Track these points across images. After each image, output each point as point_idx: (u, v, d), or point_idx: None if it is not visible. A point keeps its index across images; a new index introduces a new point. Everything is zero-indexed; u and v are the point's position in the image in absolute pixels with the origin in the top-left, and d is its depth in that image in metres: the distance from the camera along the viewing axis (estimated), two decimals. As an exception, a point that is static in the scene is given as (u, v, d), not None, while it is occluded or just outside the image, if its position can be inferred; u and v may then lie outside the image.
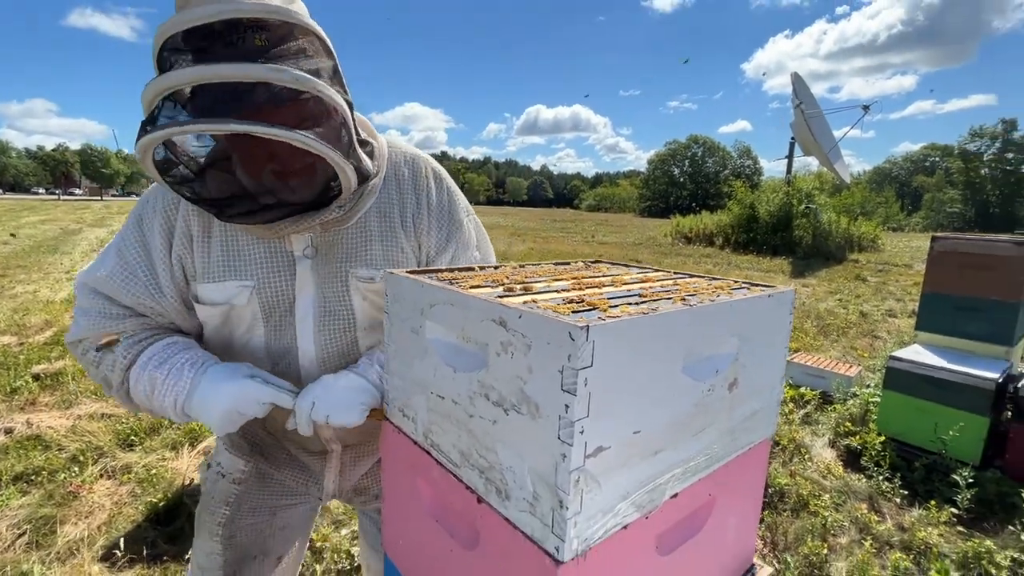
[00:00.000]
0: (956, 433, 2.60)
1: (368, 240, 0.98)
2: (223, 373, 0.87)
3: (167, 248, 0.92)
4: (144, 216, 0.93)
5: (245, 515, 1.11)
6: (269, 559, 1.16)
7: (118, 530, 2.05)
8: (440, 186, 1.07)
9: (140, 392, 0.88)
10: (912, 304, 7.28)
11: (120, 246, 0.94)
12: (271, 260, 0.94)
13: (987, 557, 2.00)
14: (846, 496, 2.47)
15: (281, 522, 1.15)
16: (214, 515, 1.10)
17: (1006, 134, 54.99)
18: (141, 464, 2.50)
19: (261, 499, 1.12)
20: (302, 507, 1.18)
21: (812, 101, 14.78)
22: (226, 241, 0.92)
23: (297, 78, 0.72)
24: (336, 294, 0.97)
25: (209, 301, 0.94)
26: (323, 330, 0.98)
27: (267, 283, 0.94)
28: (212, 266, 0.92)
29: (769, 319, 0.76)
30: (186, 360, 0.88)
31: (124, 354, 0.89)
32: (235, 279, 0.93)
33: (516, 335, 0.55)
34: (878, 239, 16.09)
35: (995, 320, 2.91)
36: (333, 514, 2.21)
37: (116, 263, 0.92)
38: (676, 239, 17.50)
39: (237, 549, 1.10)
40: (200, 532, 1.12)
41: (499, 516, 0.60)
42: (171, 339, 0.93)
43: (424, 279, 0.73)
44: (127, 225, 0.95)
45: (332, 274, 0.96)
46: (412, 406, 0.76)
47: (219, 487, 1.11)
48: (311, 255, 0.95)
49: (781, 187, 15.91)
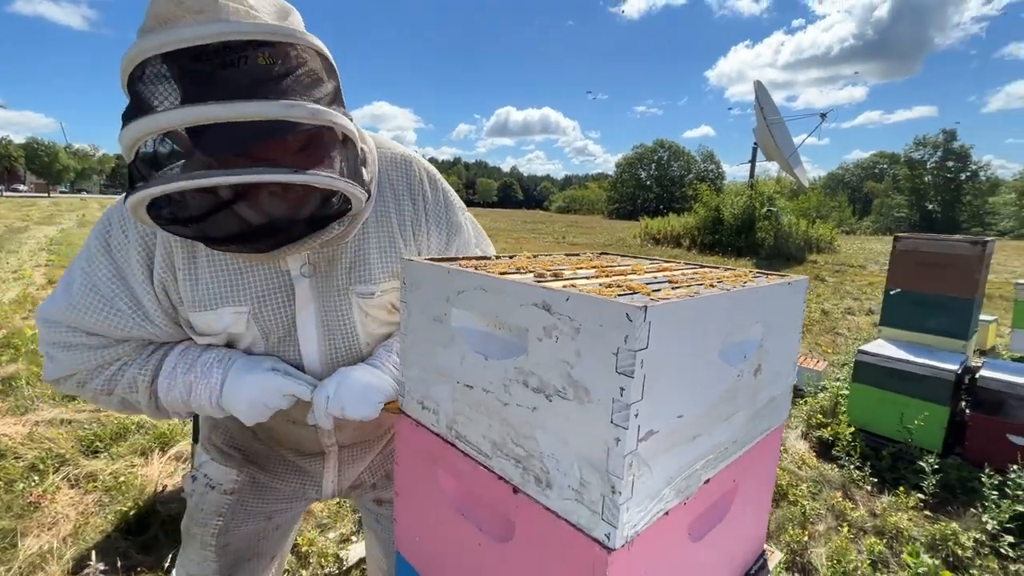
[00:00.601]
0: (920, 422, 2.73)
1: (367, 254, 0.94)
2: (247, 366, 0.87)
3: (148, 276, 0.84)
4: (113, 242, 0.84)
5: (240, 524, 1.07)
6: (264, 559, 1.13)
7: (86, 541, 1.93)
8: (435, 188, 1.03)
9: (175, 398, 0.87)
10: (868, 303, 7.64)
11: (90, 277, 0.84)
12: (267, 282, 0.88)
13: (953, 539, 2.10)
14: (821, 485, 2.56)
15: (276, 524, 1.12)
16: (206, 527, 1.05)
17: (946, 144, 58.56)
18: (108, 471, 2.36)
19: (256, 507, 1.08)
20: (298, 507, 1.16)
21: (773, 108, 15.34)
22: (214, 265, 0.86)
23: (315, 113, 0.67)
24: (338, 311, 0.94)
25: (207, 331, 0.89)
26: (328, 348, 0.95)
27: (264, 307, 0.89)
28: (202, 294, 0.85)
29: (787, 306, 0.78)
30: (213, 358, 0.87)
31: (142, 373, 0.87)
32: (229, 305, 0.87)
33: (562, 319, 0.54)
34: (834, 241, 16.82)
35: (952, 315, 3.07)
36: (318, 517, 2.14)
37: (90, 297, 0.83)
38: (645, 240, 17.84)
39: (231, 555, 1.07)
40: (190, 543, 1.07)
41: (539, 506, 0.59)
42: (181, 346, 0.90)
43: (449, 265, 0.71)
44: (91, 253, 0.85)
45: (332, 291, 0.93)
46: (433, 397, 0.74)
47: (209, 499, 1.06)
48: (309, 273, 0.90)
49: (744, 190, 16.44)
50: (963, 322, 3.05)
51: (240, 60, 0.64)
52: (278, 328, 0.91)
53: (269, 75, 0.65)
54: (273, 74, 0.65)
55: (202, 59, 0.63)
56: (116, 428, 2.79)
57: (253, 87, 0.64)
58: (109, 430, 2.76)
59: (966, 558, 2.04)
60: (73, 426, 2.82)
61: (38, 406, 3.04)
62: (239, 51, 0.63)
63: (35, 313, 0.89)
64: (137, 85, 0.64)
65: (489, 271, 0.68)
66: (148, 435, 2.73)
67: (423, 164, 1.03)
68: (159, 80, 0.64)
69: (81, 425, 2.81)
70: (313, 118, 0.67)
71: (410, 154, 1.02)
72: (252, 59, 0.64)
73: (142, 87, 0.64)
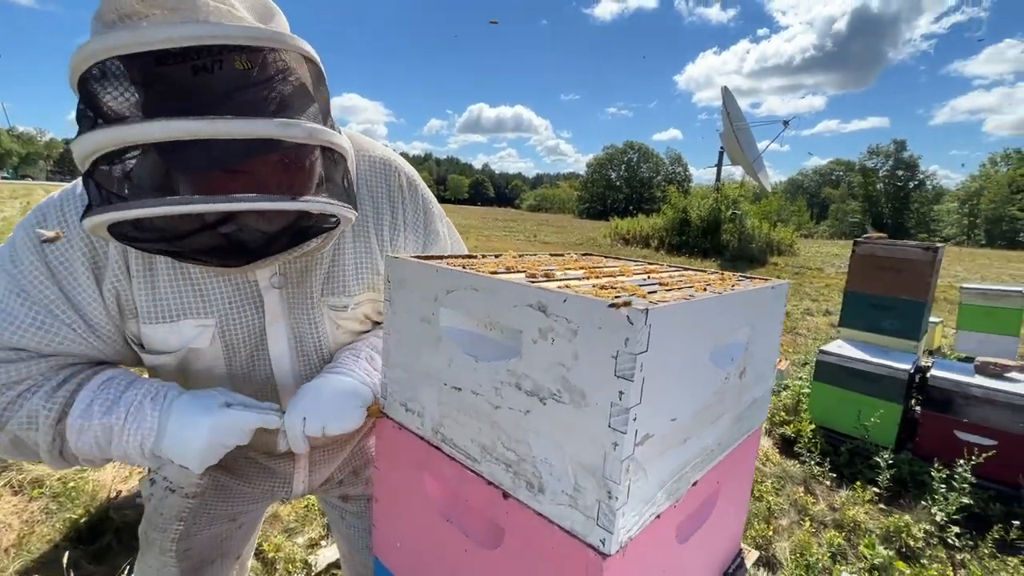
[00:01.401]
0: (876, 420, 2.86)
1: (343, 265, 0.90)
2: (194, 406, 0.74)
3: (94, 280, 0.75)
4: (48, 245, 0.73)
5: (202, 527, 1.02)
6: (228, 559, 1.09)
7: (31, 552, 1.80)
8: (415, 195, 0.99)
9: (86, 445, 0.72)
10: (826, 304, 7.96)
11: (18, 280, 0.72)
12: (235, 293, 0.82)
13: (905, 531, 2.21)
14: (784, 481, 2.65)
15: (240, 523, 1.09)
16: (165, 532, 0.99)
17: (897, 153, 61.78)
18: (55, 477, 2.22)
19: (221, 509, 1.03)
20: (264, 506, 1.13)
21: (739, 114, 15.79)
22: (176, 274, 0.78)
23: (312, 133, 0.62)
24: (309, 323, 0.89)
25: (161, 347, 0.80)
26: (301, 363, 0.90)
27: (232, 319, 0.82)
28: (160, 304, 0.77)
29: (770, 309, 0.79)
30: (143, 396, 0.74)
31: (46, 406, 0.71)
32: (192, 317, 0.79)
33: (559, 320, 0.52)
34: (794, 244, 17.48)
35: (906, 317, 3.23)
36: (285, 522, 2.07)
37: (16, 303, 0.71)
38: (615, 240, 18.09)
39: (193, 559, 1.02)
40: (148, 549, 1.01)
41: (530, 511, 0.58)
42: (103, 376, 0.76)
43: (437, 264, 0.69)
44: (18, 251, 0.73)
45: (303, 303, 0.88)
46: (418, 399, 0.72)
47: (169, 503, 1.00)
48: (279, 284, 0.85)
49: (711, 193, 16.88)
50: (915, 324, 3.21)
51: (216, 66, 0.56)
52: (246, 344, 0.85)
53: (253, 85, 0.58)
54: (258, 84, 0.59)
55: (175, 62, 0.55)
56: (65, 430, 2.63)
57: (235, 99, 0.57)
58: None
59: (917, 548, 2.15)
60: (16, 428, 2.64)
61: (-24, 407, 2.83)
62: (217, 55, 0.56)
63: None
64: (93, 85, 0.56)
65: (478, 270, 0.66)
66: (100, 437, 2.58)
67: (404, 169, 0.99)
68: (119, 81, 0.55)
69: (25, 427, 2.63)
70: (310, 138, 0.62)
71: (391, 157, 0.98)
72: (230, 65, 0.57)
73: (100, 88, 0.55)
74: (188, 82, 0.56)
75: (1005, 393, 2.56)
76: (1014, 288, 4.31)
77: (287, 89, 0.62)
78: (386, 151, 0.99)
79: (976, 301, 4.44)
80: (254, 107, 0.58)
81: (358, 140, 0.96)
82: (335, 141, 0.67)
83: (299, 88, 0.64)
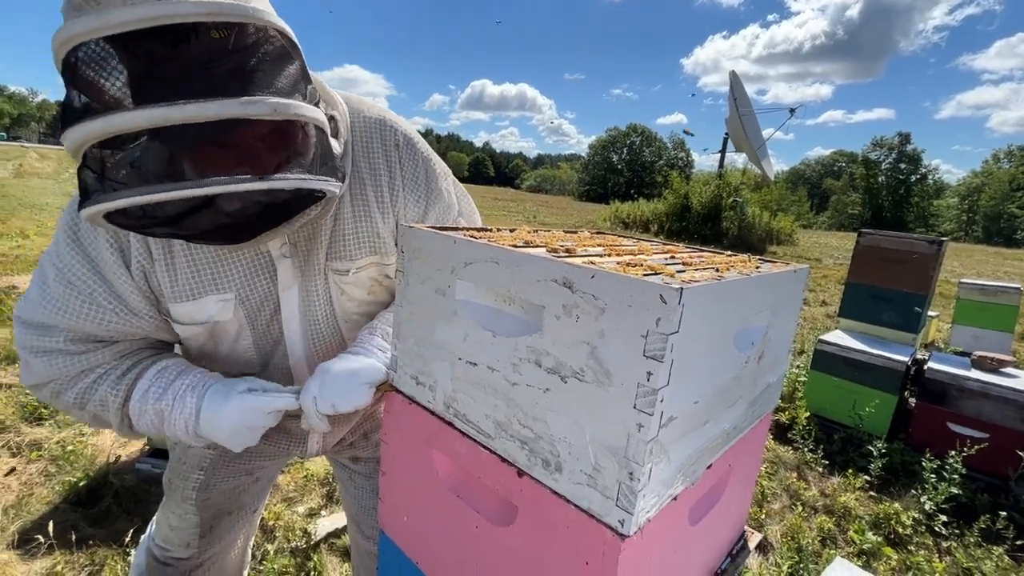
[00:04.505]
0: (871, 409, 2.89)
1: (342, 230, 0.90)
2: (220, 393, 0.82)
3: (123, 265, 0.79)
4: (82, 234, 0.78)
5: (221, 479, 1.06)
6: (244, 511, 1.15)
7: (31, 513, 1.81)
8: (413, 154, 0.96)
9: (146, 425, 0.83)
10: (823, 295, 7.98)
11: (64, 272, 0.78)
12: (250, 265, 0.85)
13: (895, 518, 2.25)
14: (778, 466, 2.68)
15: (256, 478, 1.13)
16: (187, 480, 1.04)
17: (901, 146, 61.33)
18: (54, 440, 2.22)
19: (238, 464, 1.07)
20: (280, 462, 1.16)
21: (746, 100, 15.58)
22: (192, 253, 0.81)
23: (276, 108, 0.61)
24: (317, 289, 0.91)
25: (189, 321, 0.85)
26: (309, 327, 0.93)
27: (249, 290, 0.86)
28: (182, 283, 0.82)
29: (791, 294, 0.78)
30: (186, 386, 0.82)
31: (113, 393, 0.81)
32: (213, 293, 0.84)
33: (585, 297, 0.51)
34: (794, 234, 17.45)
35: (905, 310, 3.24)
36: (284, 491, 2.09)
37: (66, 294, 0.78)
38: (615, 224, 18.02)
39: (212, 508, 1.07)
40: (171, 496, 1.07)
41: (546, 490, 0.57)
42: (158, 366, 0.84)
43: (455, 235, 0.67)
44: (60, 247, 0.78)
45: (312, 270, 0.90)
46: (430, 373, 0.71)
47: (191, 453, 1.04)
48: (289, 253, 0.87)
49: (713, 180, 16.76)
50: (914, 317, 3.22)
51: (185, 42, 0.57)
52: (264, 311, 0.89)
53: (216, 63, 0.58)
54: (221, 61, 0.59)
55: (145, 43, 0.56)
56: (62, 394, 2.62)
57: (197, 80, 0.57)
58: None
59: (905, 535, 2.19)
60: (14, 391, 2.63)
61: (-28, 369, 2.82)
62: (179, 35, 0.56)
63: (13, 314, 0.82)
64: (73, 73, 0.57)
65: (497, 243, 0.64)
66: (98, 403, 2.57)
67: (400, 126, 0.96)
68: (99, 65, 0.56)
69: (22, 390, 2.62)
70: (274, 114, 0.61)
71: (386, 115, 0.95)
72: (203, 42, 0.57)
73: (79, 76, 0.57)
74: (156, 63, 0.57)
75: (1000, 388, 2.58)
76: (1012, 285, 4.32)
77: (253, 64, 0.61)
78: (382, 110, 0.96)
79: (974, 296, 4.45)
80: (216, 87, 0.58)
81: (354, 102, 0.93)
82: (304, 114, 0.65)
83: (266, 63, 0.63)
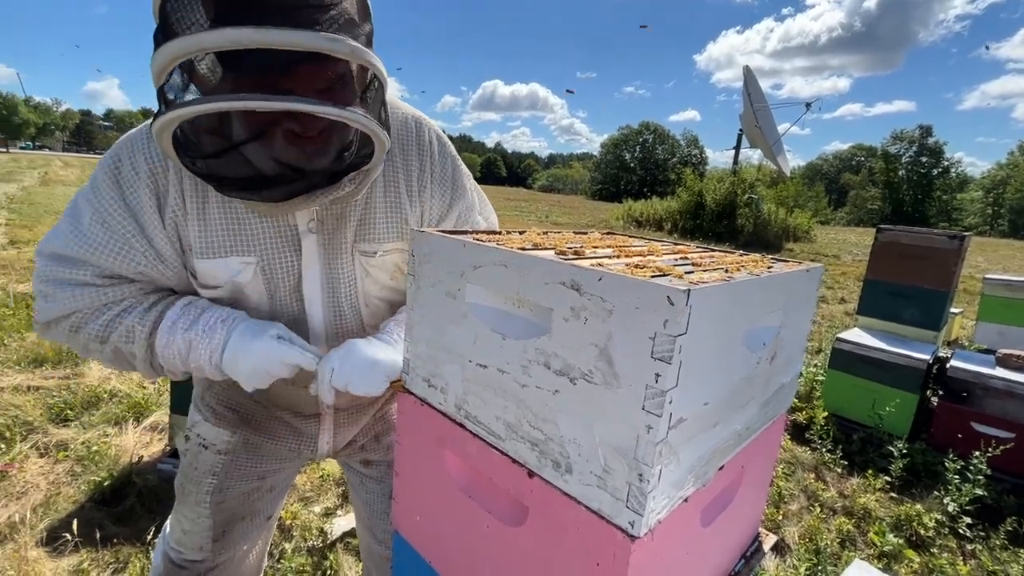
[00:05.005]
0: (891, 409, 2.83)
1: (373, 213, 0.93)
2: (252, 330, 0.84)
3: (159, 214, 0.82)
4: (123, 177, 0.81)
5: (234, 483, 1.07)
6: (258, 518, 1.15)
7: (58, 512, 1.86)
8: (444, 152, 1.03)
9: (172, 355, 0.84)
10: (841, 292, 7.85)
11: (101, 212, 0.81)
12: (276, 235, 0.87)
13: (916, 519, 2.21)
14: (795, 467, 2.65)
15: (270, 484, 1.13)
16: (200, 485, 1.06)
17: (922, 139, 59.90)
18: (79, 440, 2.28)
19: (250, 468, 1.08)
20: (292, 467, 1.17)
21: (760, 95, 15.38)
22: (225, 213, 0.84)
23: (355, 51, 0.65)
24: (342, 269, 0.93)
25: (212, 281, 0.88)
26: (331, 306, 0.94)
27: (272, 259, 0.88)
28: (211, 240, 0.84)
29: (803, 293, 0.77)
30: (216, 317, 0.84)
31: (141, 323, 0.83)
32: (237, 255, 0.86)
33: (593, 299, 0.51)
34: (811, 231, 17.17)
35: (927, 307, 3.17)
36: (301, 491, 2.12)
37: (101, 232, 0.81)
38: (628, 223, 17.91)
39: (225, 513, 1.08)
40: (184, 501, 1.08)
41: (556, 491, 0.57)
42: (185, 299, 0.87)
43: (464, 238, 0.67)
44: (99, 188, 0.82)
45: (337, 248, 0.92)
46: (442, 375, 0.71)
47: (203, 458, 1.06)
48: (316, 229, 0.89)
49: (727, 177, 16.57)
50: (936, 314, 3.15)
51: None
52: (285, 282, 0.90)
53: (310, 6, 0.64)
54: (314, 5, 0.64)
55: None
56: (87, 396, 2.69)
57: (295, 16, 0.62)
58: (80, 398, 2.66)
59: (928, 537, 2.14)
60: (41, 393, 2.71)
61: (3, 371, 2.91)
62: None
63: (36, 248, 0.84)
64: (169, 5, 0.63)
65: (506, 246, 0.65)
66: (122, 404, 2.64)
67: (433, 127, 1.03)
68: (191, 2, 0.62)
69: (49, 392, 2.70)
70: (353, 55, 0.65)
71: (420, 116, 1.01)
72: None
73: (177, 7, 0.62)
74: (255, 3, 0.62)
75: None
76: (1040, 280, 4.19)
77: (337, 13, 0.67)
78: (416, 111, 1.02)
79: (999, 292, 4.33)
80: (306, 22, 0.63)
81: (391, 100, 0.98)
82: (376, 63, 0.70)
83: (348, 15, 0.68)
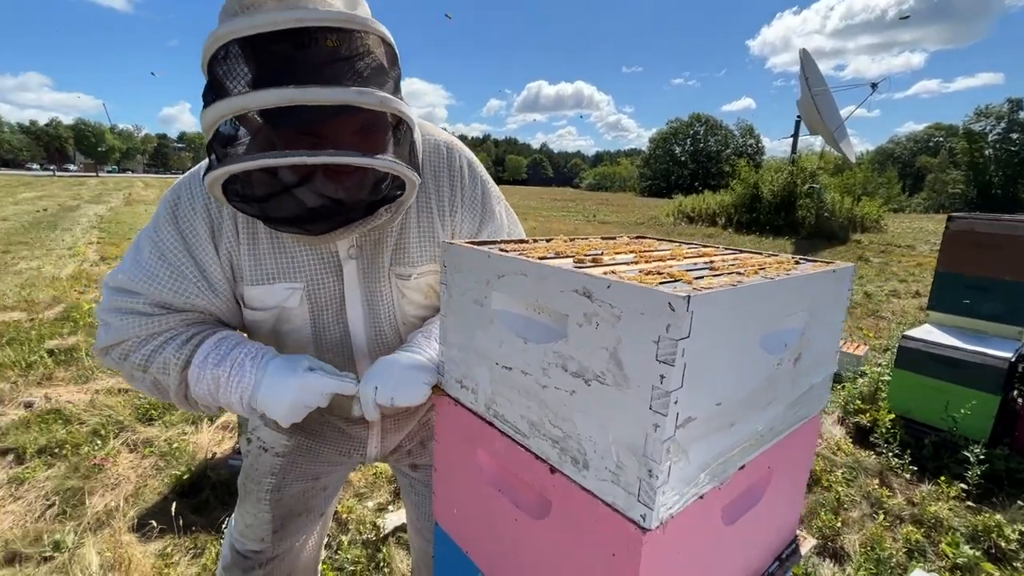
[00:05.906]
0: (967, 411, 2.63)
1: (407, 238, 0.99)
2: (285, 367, 0.86)
3: (214, 246, 0.89)
4: (180, 212, 0.89)
5: (291, 483, 1.16)
6: (312, 515, 1.24)
7: (146, 501, 2.08)
8: (474, 177, 1.06)
9: (202, 391, 0.86)
10: (916, 285, 7.31)
11: (158, 245, 0.88)
12: (319, 262, 0.94)
13: (996, 530, 2.04)
14: (857, 472, 2.51)
15: (323, 484, 1.22)
16: (260, 484, 1.15)
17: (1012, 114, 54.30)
18: (162, 438, 2.53)
19: (305, 469, 1.16)
20: (343, 469, 1.24)
21: (819, 79, 14.54)
22: (273, 243, 0.91)
23: (383, 101, 0.72)
24: (380, 292, 0.99)
25: (259, 305, 0.94)
26: (372, 326, 1.01)
27: (317, 285, 0.95)
28: (261, 268, 0.91)
29: (832, 294, 0.76)
30: (245, 355, 0.86)
31: (176, 355, 0.86)
32: (284, 281, 0.92)
33: (603, 306, 0.54)
34: (881, 219, 16.03)
35: (1008, 301, 2.91)
36: (356, 487, 2.25)
37: (158, 264, 0.88)
38: (678, 219, 17.42)
39: (283, 508, 1.17)
40: (247, 498, 1.17)
41: (575, 485, 0.61)
42: (220, 335, 0.90)
43: (489, 250, 0.72)
44: (159, 222, 0.89)
45: (376, 273, 0.98)
46: (472, 377, 0.77)
47: (263, 460, 1.15)
48: (355, 255, 0.96)
49: (785, 166, 15.77)
50: (1018, 308, 2.89)
51: (311, 44, 0.68)
52: (329, 307, 0.97)
53: (338, 61, 0.70)
54: (345, 60, 0.70)
55: (278, 43, 0.67)
56: (168, 397, 2.97)
57: (327, 73, 0.68)
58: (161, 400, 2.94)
59: (1009, 551, 1.98)
60: (130, 395, 3.01)
61: (98, 376, 3.25)
62: (311, 37, 0.68)
63: (103, 280, 0.91)
64: (218, 66, 0.69)
65: (528, 256, 0.69)
66: (197, 405, 2.89)
67: (465, 152, 1.07)
68: (238, 62, 0.69)
69: (137, 395, 3.00)
70: (381, 105, 0.71)
71: (452, 141, 1.05)
72: (322, 44, 0.69)
73: (223, 68, 0.69)
74: (288, 58, 0.68)
75: None
76: None
77: (366, 65, 0.73)
78: (448, 136, 1.06)
79: (1100, 282, 3.91)
80: (337, 78, 0.69)
81: (423, 126, 1.03)
82: (403, 110, 0.76)
83: (376, 65, 0.75)
